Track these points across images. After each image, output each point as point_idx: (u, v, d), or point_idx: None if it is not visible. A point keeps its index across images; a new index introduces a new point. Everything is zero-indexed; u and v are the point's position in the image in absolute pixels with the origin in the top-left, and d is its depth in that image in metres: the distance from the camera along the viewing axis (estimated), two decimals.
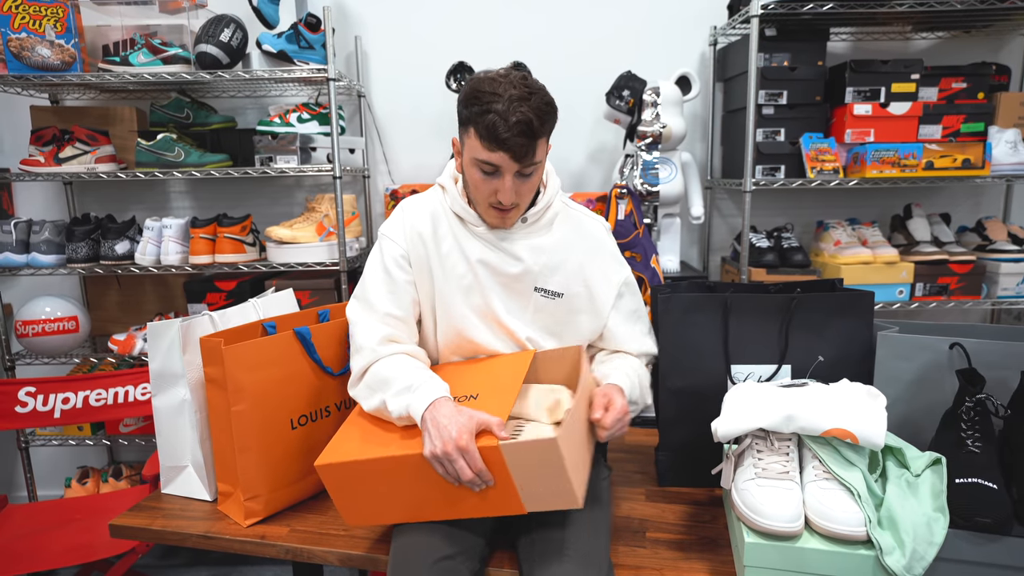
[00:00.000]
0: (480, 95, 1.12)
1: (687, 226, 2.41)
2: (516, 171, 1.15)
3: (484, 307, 1.27)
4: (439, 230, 1.28)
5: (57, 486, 2.59)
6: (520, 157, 1.13)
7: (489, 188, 1.17)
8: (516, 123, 1.09)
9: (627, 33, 2.37)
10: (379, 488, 1.10)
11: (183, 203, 2.53)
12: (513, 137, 1.10)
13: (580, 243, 1.31)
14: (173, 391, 1.37)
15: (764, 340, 1.28)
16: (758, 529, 1.00)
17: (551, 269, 1.28)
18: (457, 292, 1.27)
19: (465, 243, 1.26)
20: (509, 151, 1.11)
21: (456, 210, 1.27)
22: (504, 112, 1.09)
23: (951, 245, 2.14)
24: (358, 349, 1.24)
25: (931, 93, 2.06)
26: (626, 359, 1.31)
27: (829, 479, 1.03)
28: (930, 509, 0.98)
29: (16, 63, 1.97)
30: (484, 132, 1.11)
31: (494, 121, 1.09)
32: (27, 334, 2.16)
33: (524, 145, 1.11)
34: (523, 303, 1.28)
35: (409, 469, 1.07)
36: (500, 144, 1.11)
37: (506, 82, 1.12)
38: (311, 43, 2.05)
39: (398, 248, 1.27)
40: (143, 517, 1.32)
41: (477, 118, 1.12)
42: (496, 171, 1.15)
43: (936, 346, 1.21)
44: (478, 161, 1.15)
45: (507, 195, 1.16)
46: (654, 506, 1.32)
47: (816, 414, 1.06)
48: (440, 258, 1.27)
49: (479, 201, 1.22)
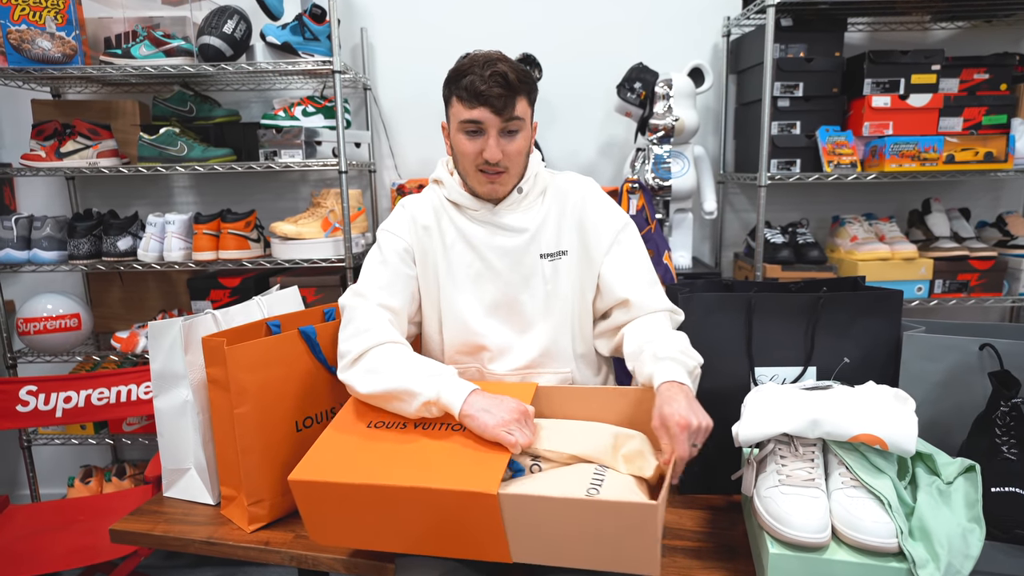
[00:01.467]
0: (458, 68, 1.19)
1: (699, 221, 2.36)
2: (499, 128, 1.18)
3: (495, 294, 1.27)
4: (441, 223, 1.29)
5: (60, 485, 2.57)
6: (500, 109, 1.16)
7: (475, 149, 1.19)
8: (491, 75, 1.13)
9: (638, 24, 2.32)
10: (354, 513, 1.03)
11: (186, 198, 2.49)
12: (491, 88, 1.14)
13: (570, 200, 1.31)
14: (175, 392, 1.34)
15: (789, 341, 1.23)
16: (783, 539, 0.95)
17: (551, 230, 1.29)
18: (466, 283, 1.27)
19: (467, 230, 1.27)
20: (488, 105, 1.15)
21: (453, 198, 1.28)
22: (480, 71, 1.14)
23: (971, 241, 2.09)
24: (361, 331, 1.20)
25: (952, 84, 2.00)
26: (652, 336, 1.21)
27: (857, 487, 0.99)
28: (965, 519, 0.93)
29: (16, 56, 1.93)
30: (463, 93, 1.16)
31: (472, 80, 1.15)
32: (29, 332, 2.13)
33: (502, 96, 1.15)
34: (534, 280, 1.28)
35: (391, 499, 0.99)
36: (478, 98, 1.15)
37: (480, 53, 1.19)
38: (316, 35, 2.01)
39: (401, 242, 1.28)
40: (144, 522, 1.29)
41: (456, 84, 1.17)
42: (479, 129, 1.18)
43: (965, 346, 1.17)
44: (462, 123, 1.19)
45: (493, 152, 1.18)
46: (671, 511, 1.28)
47: (843, 419, 1.01)
48: (445, 250, 1.28)
49: (468, 170, 1.23)
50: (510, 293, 1.28)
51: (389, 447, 1.08)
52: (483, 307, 1.28)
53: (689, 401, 1.06)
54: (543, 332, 1.28)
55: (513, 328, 1.29)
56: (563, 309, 1.29)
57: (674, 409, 1.03)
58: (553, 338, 1.29)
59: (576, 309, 1.31)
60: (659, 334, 1.21)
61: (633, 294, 1.27)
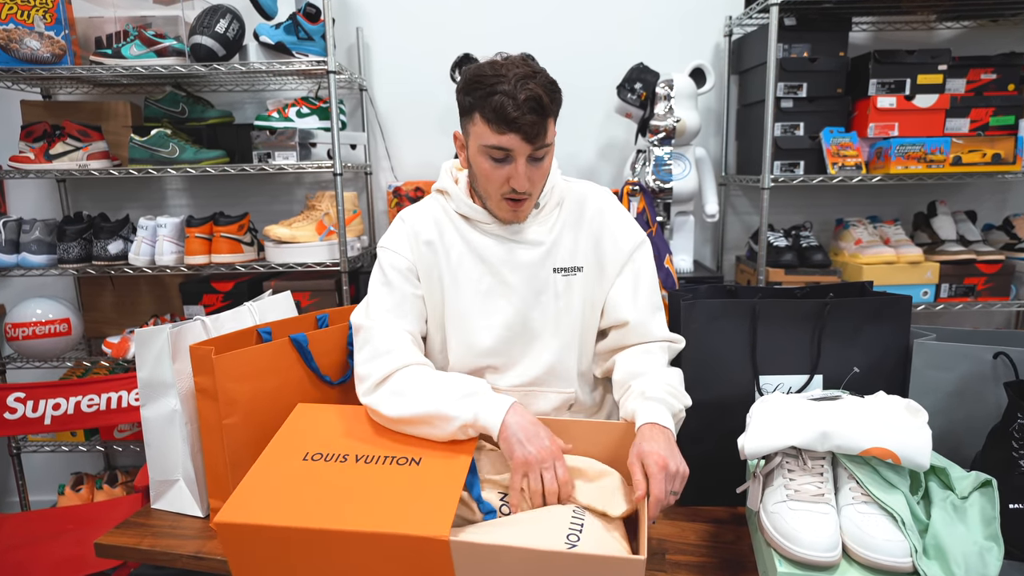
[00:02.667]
0: (482, 78, 1.06)
1: (700, 224, 2.32)
2: (528, 154, 1.09)
3: (507, 311, 1.20)
4: (446, 237, 1.21)
5: (50, 492, 2.53)
6: (532, 137, 1.07)
7: (500, 176, 1.11)
8: (525, 100, 1.03)
9: (639, 23, 2.29)
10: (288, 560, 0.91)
11: (179, 201, 2.46)
12: (523, 116, 1.04)
13: (587, 212, 1.24)
14: (163, 401, 1.30)
15: (794, 349, 1.20)
16: (791, 557, 0.92)
17: (566, 245, 1.22)
18: (474, 300, 1.20)
19: (477, 243, 1.20)
20: (520, 131, 1.05)
21: (463, 211, 1.21)
22: (511, 91, 1.03)
23: (978, 244, 2.05)
24: (381, 352, 1.14)
25: (959, 85, 1.97)
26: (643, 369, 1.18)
27: (868, 502, 0.95)
28: (981, 537, 0.90)
29: (3, 56, 1.90)
30: (492, 115, 1.05)
31: (502, 102, 1.03)
32: (17, 337, 2.10)
33: (535, 124, 1.06)
34: (545, 295, 1.21)
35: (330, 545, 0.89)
36: (510, 125, 1.05)
37: (508, 63, 1.07)
38: (310, 34, 1.98)
39: (403, 260, 1.20)
40: (131, 535, 1.25)
41: (482, 102, 1.06)
42: (507, 156, 1.09)
43: (978, 355, 1.13)
44: (487, 148, 1.09)
45: (521, 181, 1.10)
46: (674, 525, 1.24)
47: (854, 431, 0.97)
48: (451, 267, 1.20)
49: (490, 194, 1.15)
50: (522, 309, 1.21)
51: (329, 484, 0.97)
52: (492, 325, 1.21)
53: (669, 444, 1.01)
54: (549, 349, 1.22)
55: (521, 345, 1.23)
56: (571, 326, 1.23)
57: (653, 448, 0.98)
58: (559, 356, 1.23)
59: (584, 327, 1.25)
60: (651, 369, 1.16)
61: (634, 317, 1.21)
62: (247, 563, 0.94)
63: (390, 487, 0.96)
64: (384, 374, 1.12)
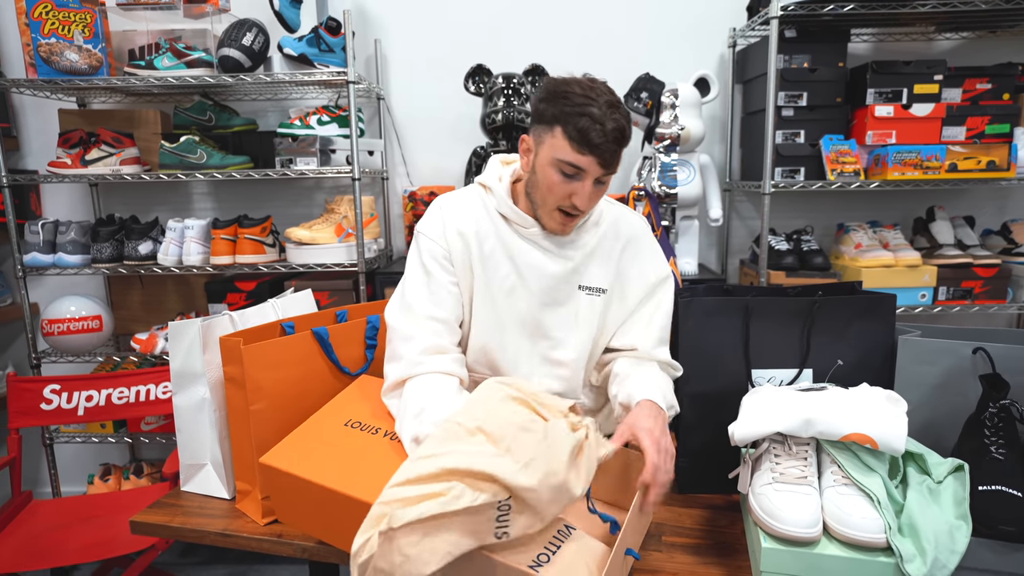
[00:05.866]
0: (570, 95, 1.09)
1: (705, 228, 2.39)
2: (597, 177, 1.13)
3: (523, 311, 1.24)
4: (481, 229, 1.24)
5: (80, 483, 2.64)
6: (607, 164, 1.11)
7: (565, 191, 1.14)
8: (612, 130, 1.08)
9: (645, 35, 2.36)
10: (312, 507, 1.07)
11: (205, 204, 2.56)
12: (607, 143, 1.08)
13: (622, 238, 1.29)
14: (193, 390, 1.39)
15: (785, 344, 1.26)
16: (775, 534, 0.99)
17: (596, 265, 1.26)
18: (499, 295, 1.24)
19: (511, 243, 1.24)
20: (600, 156, 1.10)
21: (503, 211, 1.25)
22: (600, 117, 1.07)
23: (975, 248, 2.10)
24: (396, 357, 1.21)
25: (955, 94, 2.03)
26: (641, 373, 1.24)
27: (848, 484, 1.02)
28: (952, 516, 0.96)
29: (45, 67, 2.01)
30: (577, 134, 1.08)
31: (589, 125, 1.07)
32: (53, 332, 2.20)
33: (614, 152, 1.11)
34: (568, 305, 1.26)
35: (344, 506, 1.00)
36: (592, 149, 1.09)
37: (596, 87, 1.11)
38: (331, 46, 2.07)
39: (438, 248, 1.24)
40: (162, 514, 1.33)
41: (569, 119, 1.09)
42: (578, 174, 1.12)
43: (959, 350, 1.19)
44: (562, 162, 1.12)
45: (583, 200, 1.13)
46: (670, 510, 1.31)
47: (835, 418, 1.04)
48: (482, 258, 1.24)
49: (547, 203, 1.18)
50: (538, 315, 1.25)
51: (354, 451, 1.10)
52: (511, 322, 1.25)
53: (663, 425, 1.09)
54: (564, 360, 1.27)
55: (536, 349, 1.27)
56: (586, 342, 1.28)
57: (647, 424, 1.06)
58: (573, 369, 1.28)
59: (596, 344, 1.30)
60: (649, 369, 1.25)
61: (643, 346, 1.28)
62: (278, 498, 1.14)
63: None
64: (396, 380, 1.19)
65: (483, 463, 0.87)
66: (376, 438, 1.14)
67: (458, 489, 0.84)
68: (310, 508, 1.08)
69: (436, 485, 0.86)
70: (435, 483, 0.86)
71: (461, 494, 0.84)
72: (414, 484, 0.86)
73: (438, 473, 0.87)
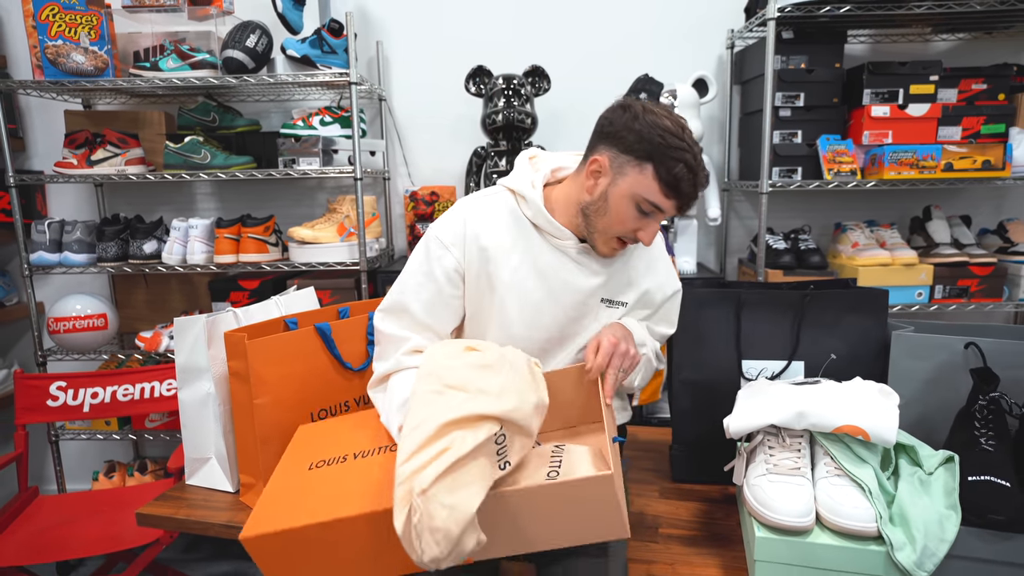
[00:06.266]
0: (669, 138, 1.07)
1: (704, 228, 2.41)
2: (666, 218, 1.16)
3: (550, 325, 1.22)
4: (508, 242, 1.19)
5: (85, 480, 2.66)
6: (684, 210, 1.13)
7: (636, 225, 1.13)
8: (702, 181, 1.10)
9: (644, 36, 2.39)
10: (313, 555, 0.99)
11: (208, 204, 2.59)
12: (694, 193, 1.10)
13: (645, 255, 1.29)
14: (198, 384, 1.42)
15: (776, 336, 1.29)
16: (769, 524, 1.01)
17: (622, 281, 1.25)
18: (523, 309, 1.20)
19: (541, 257, 1.19)
20: (682, 202, 1.11)
21: (537, 221, 1.20)
22: (695, 167, 1.07)
23: (971, 247, 2.12)
24: (385, 356, 1.21)
25: (950, 95, 2.05)
26: None
27: (840, 475, 1.04)
28: (942, 506, 0.98)
29: (52, 69, 2.04)
30: (669, 178, 1.07)
31: (684, 174, 1.07)
32: (59, 330, 2.23)
33: (695, 201, 1.12)
34: (586, 319, 1.24)
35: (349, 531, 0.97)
36: (679, 196, 1.09)
37: (688, 132, 1.10)
38: (334, 48, 2.10)
39: (451, 260, 1.18)
40: (168, 506, 1.36)
41: (664, 161, 1.07)
42: (654, 213, 1.12)
43: (951, 345, 1.21)
44: (643, 199, 1.09)
45: (650, 237, 1.14)
46: (667, 503, 1.33)
47: (828, 411, 1.06)
48: (510, 272, 1.19)
49: (610, 231, 1.15)
50: (565, 327, 1.23)
51: (334, 482, 1.07)
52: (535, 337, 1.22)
53: (627, 334, 1.15)
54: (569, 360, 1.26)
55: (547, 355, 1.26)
56: None
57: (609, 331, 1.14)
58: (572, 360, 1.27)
59: None
60: None
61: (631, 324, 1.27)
62: (278, 570, 1.01)
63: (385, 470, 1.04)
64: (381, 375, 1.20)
65: (466, 408, 0.94)
66: (348, 464, 1.11)
67: (460, 436, 0.91)
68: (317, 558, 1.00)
69: (440, 442, 0.91)
70: (437, 441, 0.91)
71: (464, 438, 0.91)
72: (418, 452, 0.90)
73: (435, 432, 0.92)
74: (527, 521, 0.95)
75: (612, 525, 0.94)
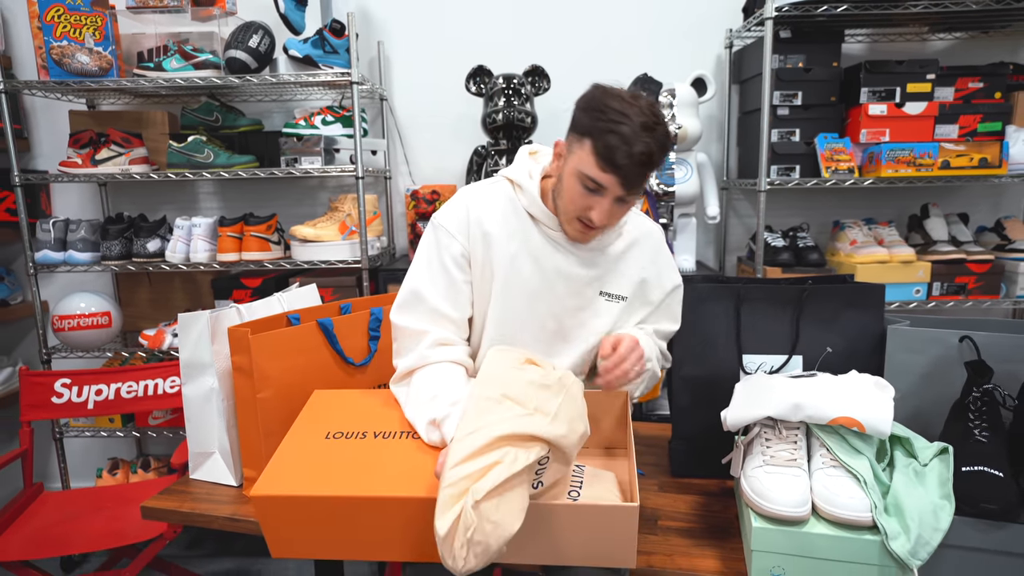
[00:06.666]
0: (607, 110, 1.07)
1: (703, 226, 2.43)
2: (618, 196, 1.11)
3: (545, 316, 1.24)
4: (507, 228, 1.22)
5: (89, 478, 2.68)
6: (630, 186, 1.09)
7: (584, 204, 1.13)
8: (638, 153, 1.05)
9: (643, 36, 2.40)
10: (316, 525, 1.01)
11: (211, 203, 2.61)
12: (631, 166, 1.06)
13: (644, 247, 1.30)
14: (202, 380, 1.43)
15: (776, 330, 1.30)
16: (765, 514, 1.02)
17: (620, 274, 1.27)
18: (521, 297, 1.23)
19: (536, 245, 1.22)
20: (622, 177, 1.08)
21: (532, 211, 1.23)
22: (630, 137, 1.05)
23: (969, 244, 2.13)
24: (406, 351, 1.22)
25: (947, 93, 2.06)
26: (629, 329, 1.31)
27: (836, 466, 1.05)
28: (936, 497, 1.00)
29: (57, 69, 2.06)
30: (602, 151, 1.06)
31: (617, 144, 1.05)
32: (63, 328, 2.24)
33: (638, 175, 1.09)
34: (586, 312, 1.26)
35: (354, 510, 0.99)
36: (615, 169, 1.07)
37: (637, 106, 1.07)
38: (336, 48, 2.12)
39: (457, 245, 1.21)
40: (173, 500, 1.37)
41: (599, 134, 1.07)
42: (599, 190, 1.11)
43: (946, 339, 1.22)
44: (584, 176, 1.10)
45: (601, 217, 1.12)
46: (666, 496, 1.34)
47: (823, 403, 1.08)
48: (505, 260, 1.21)
49: (567, 212, 1.17)
50: (561, 317, 1.25)
51: (351, 457, 1.07)
52: (530, 322, 1.24)
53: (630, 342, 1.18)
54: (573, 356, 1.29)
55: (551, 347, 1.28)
56: (597, 341, 1.29)
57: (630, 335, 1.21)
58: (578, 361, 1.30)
59: None
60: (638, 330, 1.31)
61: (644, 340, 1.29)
62: (279, 531, 1.02)
63: (407, 457, 1.06)
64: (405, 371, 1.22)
65: (522, 425, 0.94)
66: (368, 442, 1.12)
67: (512, 453, 0.91)
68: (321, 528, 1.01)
69: (492, 454, 0.91)
70: (490, 452, 0.91)
71: (516, 456, 0.91)
72: (472, 459, 0.91)
73: (489, 443, 0.92)
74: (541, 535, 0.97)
75: (623, 553, 0.97)
